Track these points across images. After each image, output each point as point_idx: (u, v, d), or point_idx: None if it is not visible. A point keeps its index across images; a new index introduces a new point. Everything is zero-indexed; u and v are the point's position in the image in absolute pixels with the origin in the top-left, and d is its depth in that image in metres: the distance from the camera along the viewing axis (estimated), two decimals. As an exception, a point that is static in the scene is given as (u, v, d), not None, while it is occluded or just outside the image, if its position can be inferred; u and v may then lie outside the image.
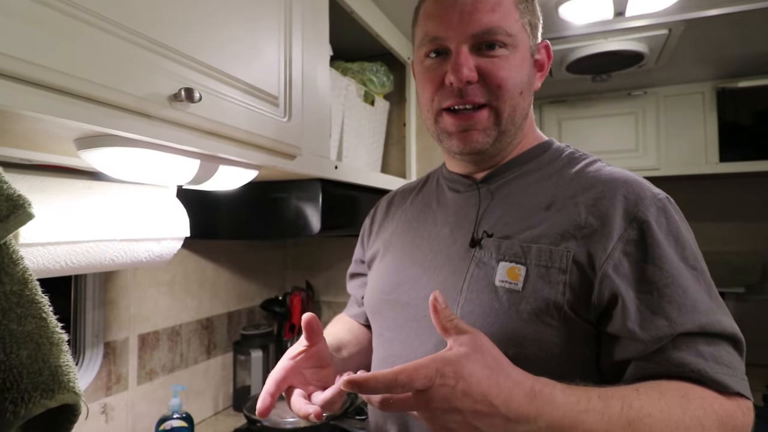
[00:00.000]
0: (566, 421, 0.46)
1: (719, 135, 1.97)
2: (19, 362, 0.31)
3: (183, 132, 0.65)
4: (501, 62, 0.63)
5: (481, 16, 0.62)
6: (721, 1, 1.30)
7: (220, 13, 0.71)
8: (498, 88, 0.63)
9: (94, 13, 0.52)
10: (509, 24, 0.63)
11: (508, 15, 0.63)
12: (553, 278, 0.58)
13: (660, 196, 0.61)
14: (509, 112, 0.65)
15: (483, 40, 0.63)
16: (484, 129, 0.65)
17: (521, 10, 0.65)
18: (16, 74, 0.45)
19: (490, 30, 0.62)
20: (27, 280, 0.34)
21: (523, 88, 0.65)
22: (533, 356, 0.57)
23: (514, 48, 0.64)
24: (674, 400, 0.49)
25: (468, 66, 0.62)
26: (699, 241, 0.60)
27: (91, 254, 0.78)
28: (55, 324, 0.35)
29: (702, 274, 0.58)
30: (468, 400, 0.44)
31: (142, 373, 1.23)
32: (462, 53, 0.63)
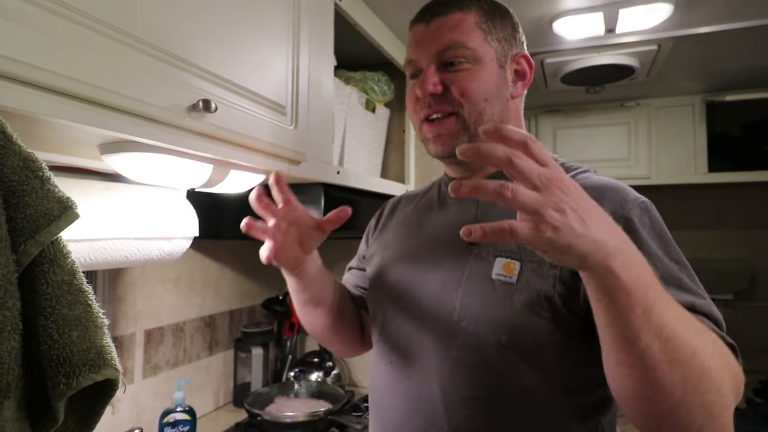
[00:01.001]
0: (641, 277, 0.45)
1: (708, 146, 2.04)
2: (70, 341, 0.36)
3: (199, 140, 0.70)
4: (463, 75, 0.72)
5: (442, 37, 0.72)
6: (708, 19, 1.36)
7: (236, 29, 0.76)
8: (460, 96, 0.71)
9: (125, 32, 0.58)
10: (469, 40, 0.72)
11: (468, 33, 0.72)
12: (545, 272, 0.63)
13: (643, 199, 0.66)
14: (475, 117, 0.72)
15: (445, 57, 0.72)
16: (452, 133, 0.73)
17: (484, 30, 0.74)
18: (56, 88, 0.51)
19: (449, 46, 0.72)
20: (75, 271, 0.40)
21: (488, 95, 0.73)
22: (525, 344, 0.63)
23: (476, 62, 0.72)
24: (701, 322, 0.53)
25: (431, 81, 0.72)
26: (688, 248, 0.65)
27: (107, 251, 0.83)
28: (98, 310, 0.40)
29: (684, 268, 0.62)
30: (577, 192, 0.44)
31: (147, 368, 1.28)
32: (428, 71, 0.73)
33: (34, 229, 0.37)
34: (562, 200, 0.41)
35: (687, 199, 2.28)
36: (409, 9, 0.77)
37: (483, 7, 0.75)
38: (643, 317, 0.44)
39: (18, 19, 0.47)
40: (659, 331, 0.45)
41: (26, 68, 0.47)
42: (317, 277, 0.81)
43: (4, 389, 0.34)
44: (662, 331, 0.45)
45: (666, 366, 0.45)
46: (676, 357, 0.45)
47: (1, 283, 0.35)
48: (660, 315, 0.45)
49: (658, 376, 0.46)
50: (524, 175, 0.41)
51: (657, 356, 0.45)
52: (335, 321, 0.87)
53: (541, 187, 0.41)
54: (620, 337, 0.46)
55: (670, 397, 0.47)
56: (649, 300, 0.44)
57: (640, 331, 0.45)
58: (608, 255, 0.42)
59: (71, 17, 0.52)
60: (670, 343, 0.45)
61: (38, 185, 0.39)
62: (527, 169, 0.41)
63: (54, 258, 0.38)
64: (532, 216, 0.41)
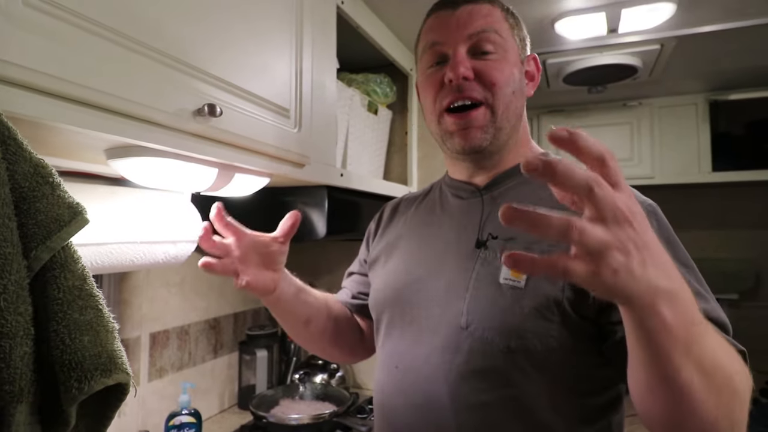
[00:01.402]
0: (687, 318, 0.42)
1: (712, 145, 2.03)
2: (82, 346, 0.37)
3: (204, 144, 0.71)
4: (494, 64, 0.71)
5: (474, 21, 0.72)
6: (710, 18, 1.36)
7: (240, 33, 0.77)
8: (492, 85, 0.71)
9: (132, 38, 0.58)
10: (502, 29, 0.73)
11: (498, 22, 0.73)
12: None
13: (650, 202, 0.67)
14: (503, 109, 0.72)
15: (478, 41, 0.72)
16: (482, 126, 0.72)
17: (510, 24, 0.75)
18: (64, 94, 0.51)
19: (484, 29, 0.71)
20: (86, 276, 0.40)
21: (514, 88, 0.73)
22: (534, 348, 0.62)
23: (505, 53, 0.72)
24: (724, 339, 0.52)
25: (464, 65, 0.70)
26: (692, 248, 0.65)
27: (113, 255, 0.84)
28: (108, 315, 0.40)
29: (692, 270, 0.62)
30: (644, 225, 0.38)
31: (152, 371, 1.28)
32: (459, 53, 0.71)
33: (45, 235, 0.38)
34: (629, 238, 0.36)
35: (691, 199, 2.27)
36: (411, 11, 0.78)
37: (504, 6, 0.76)
38: (684, 353, 0.42)
39: (26, 27, 0.47)
40: (699, 363, 0.43)
41: (35, 75, 0.48)
42: (298, 295, 0.82)
43: (17, 394, 0.35)
44: (702, 363, 0.44)
45: (704, 395, 0.44)
46: (713, 385, 0.45)
47: (14, 288, 0.35)
48: (700, 348, 0.43)
49: (695, 405, 0.45)
50: (599, 208, 0.35)
51: (695, 387, 0.44)
52: (330, 333, 0.88)
53: (611, 221, 0.35)
54: (658, 372, 0.44)
55: (702, 421, 0.46)
56: (692, 337, 0.42)
57: (680, 367, 0.43)
58: (657, 297, 0.39)
59: (79, 24, 0.53)
60: (708, 373, 0.44)
61: (49, 191, 0.40)
62: (605, 201, 0.35)
63: (65, 263, 0.39)
64: (592, 256, 0.35)
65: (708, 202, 2.28)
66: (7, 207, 0.36)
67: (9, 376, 0.35)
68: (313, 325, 0.85)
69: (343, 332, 0.90)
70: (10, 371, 0.35)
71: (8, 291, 0.35)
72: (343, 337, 0.91)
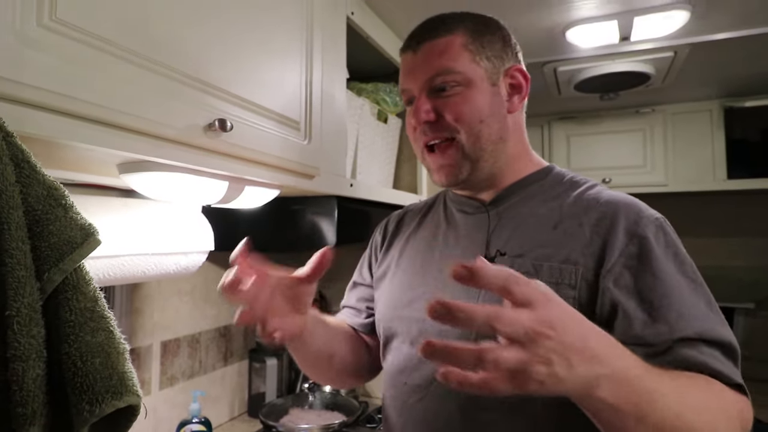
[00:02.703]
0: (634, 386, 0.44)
1: (727, 152, 2.00)
2: (93, 369, 0.37)
3: (215, 158, 0.71)
4: (455, 99, 0.71)
5: (430, 64, 0.72)
6: (724, 25, 1.34)
7: (250, 47, 0.77)
8: (455, 121, 0.70)
9: (143, 55, 0.59)
10: (457, 65, 0.71)
11: (455, 57, 0.71)
12: (563, 294, 0.62)
13: (657, 216, 0.66)
14: (473, 140, 0.71)
15: (435, 83, 0.71)
16: (455, 164, 0.72)
17: (472, 51, 0.72)
18: (77, 113, 0.52)
19: (438, 73, 0.71)
20: (97, 298, 0.40)
21: (483, 116, 0.71)
22: None
23: (467, 84, 0.71)
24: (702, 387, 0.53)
25: (424, 109, 0.71)
26: (707, 256, 0.64)
27: (125, 267, 0.84)
28: (119, 336, 0.41)
29: (700, 287, 0.62)
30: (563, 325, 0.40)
31: (163, 379, 1.29)
32: (420, 99, 0.72)
33: (57, 257, 0.38)
34: (548, 349, 0.38)
35: (706, 207, 2.24)
36: (420, 19, 0.77)
37: (469, 27, 0.73)
38: (638, 424, 0.45)
39: (40, 47, 0.48)
40: (658, 428, 0.46)
41: (48, 95, 0.49)
42: (321, 332, 0.77)
43: (29, 416, 0.35)
44: (662, 426, 0.46)
45: None
46: None
47: (27, 311, 0.35)
48: (659, 415, 0.45)
49: None
50: (510, 338, 0.38)
51: None
52: (350, 362, 0.85)
53: (527, 342, 0.38)
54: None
55: None
56: (642, 409, 0.44)
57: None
58: (594, 387, 0.41)
59: (91, 43, 0.53)
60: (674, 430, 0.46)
61: (62, 213, 0.40)
62: (513, 331, 0.38)
63: (77, 285, 0.39)
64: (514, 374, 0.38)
65: (723, 210, 2.25)
66: (20, 230, 0.37)
67: (22, 399, 0.35)
68: (337, 358, 0.81)
69: (359, 357, 0.87)
70: (22, 394, 0.35)
71: (21, 314, 0.35)
72: (359, 361, 0.87)
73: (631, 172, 2.10)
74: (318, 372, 0.85)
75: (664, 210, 0.69)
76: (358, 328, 0.90)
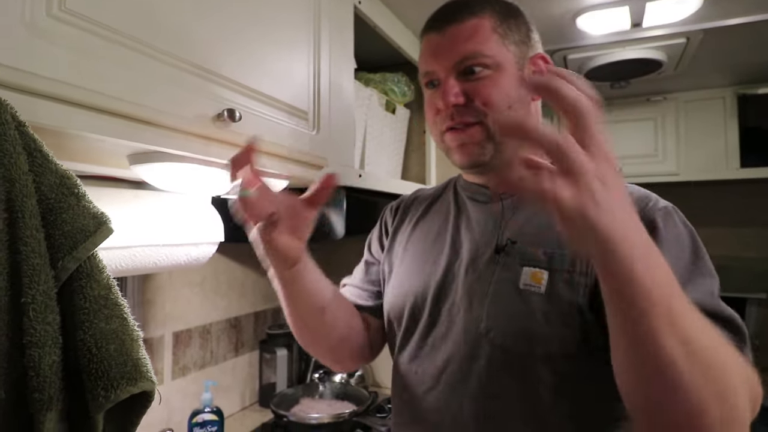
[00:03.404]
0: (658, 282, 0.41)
1: (740, 140, 1.97)
2: (108, 355, 0.38)
3: (224, 148, 0.71)
4: (485, 83, 0.69)
5: (458, 47, 0.69)
6: (739, 10, 1.31)
7: (258, 38, 0.77)
8: (484, 105, 0.69)
9: (152, 46, 0.59)
10: (487, 48, 0.69)
11: (484, 41, 0.69)
12: (575, 282, 0.62)
13: (666, 204, 0.65)
14: None
15: (464, 66, 0.69)
16: (478, 143, 0.70)
17: (501, 33, 0.70)
18: (88, 103, 0.52)
19: (467, 56, 0.69)
20: (111, 286, 0.41)
21: (511, 102, 0.70)
22: (555, 356, 0.62)
23: (496, 68, 0.69)
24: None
25: (453, 92, 0.69)
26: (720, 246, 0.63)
27: (137, 258, 0.85)
28: (133, 323, 0.41)
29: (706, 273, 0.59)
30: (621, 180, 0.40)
31: (176, 369, 1.30)
32: (448, 82, 0.70)
33: (71, 245, 0.38)
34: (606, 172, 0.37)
35: (718, 196, 2.21)
36: (428, 9, 0.76)
37: (496, 10, 0.71)
38: (665, 320, 0.41)
39: (50, 38, 0.48)
40: (681, 334, 0.42)
41: (59, 86, 0.49)
42: (316, 277, 0.74)
43: (47, 402, 0.36)
44: (684, 335, 0.42)
45: (685, 368, 0.42)
46: (695, 359, 0.43)
47: (42, 298, 0.36)
48: (682, 318, 0.42)
49: (677, 379, 0.43)
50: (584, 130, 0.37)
51: (675, 358, 0.42)
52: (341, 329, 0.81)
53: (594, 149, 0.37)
54: (636, 336, 0.43)
55: (689, 403, 0.43)
56: (672, 303, 0.42)
57: (658, 329, 0.41)
58: (633, 248, 0.39)
59: (101, 34, 0.53)
60: (689, 344, 0.42)
61: (74, 202, 0.40)
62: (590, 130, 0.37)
63: (91, 273, 0.40)
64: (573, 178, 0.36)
65: (736, 199, 2.22)
66: (34, 218, 0.37)
67: (38, 385, 0.35)
68: (328, 314, 0.76)
69: (353, 330, 0.83)
70: (39, 380, 0.36)
71: (37, 301, 0.36)
72: (353, 334, 0.83)
73: (642, 161, 2.08)
74: (305, 323, 0.78)
75: (676, 199, 0.68)
76: (361, 306, 0.86)
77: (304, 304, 0.74)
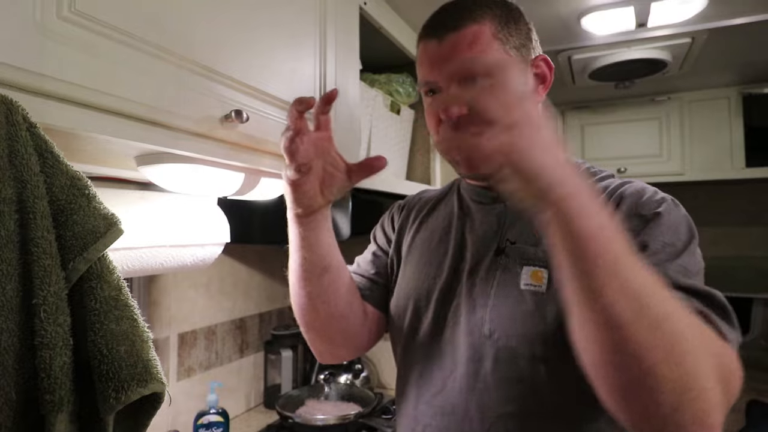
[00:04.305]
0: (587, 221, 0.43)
1: (745, 140, 1.96)
2: (118, 356, 0.37)
3: (231, 149, 0.71)
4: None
5: (458, 55, 0.67)
6: (743, 9, 1.31)
7: (265, 38, 0.77)
8: None
9: (161, 47, 0.59)
10: (488, 55, 0.67)
11: (486, 48, 0.67)
12: None
13: (663, 196, 0.64)
14: None
15: (466, 76, 0.66)
16: None
17: (502, 39, 0.68)
18: (97, 104, 0.52)
19: None
20: (121, 287, 0.41)
21: None
22: (559, 356, 0.61)
23: None
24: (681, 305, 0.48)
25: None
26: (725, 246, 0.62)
27: (144, 259, 0.85)
28: (143, 324, 0.41)
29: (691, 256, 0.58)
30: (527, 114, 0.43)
31: (181, 370, 1.31)
32: (449, 92, 0.67)
33: (82, 247, 0.38)
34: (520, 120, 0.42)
35: (724, 195, 2.20)
36: (433, 10, 0.75)
37: (497, 14, 0.69)
38: (608, 269, 0.42)
39: (60, 39, 0.48)
40: (625, 286, 0.42)
41: (69, 87, 0.49)
42: (328, 239, 0.72)
43: (57, 403, 0.36)
44: (628, 287, 0.42)
45: (633, 326, 0.42)
46: (643, 318, 0.42)
47: (53, 299, 0.36)
48: (626, 270, 0.42)
49: (625, 337, 0.42)
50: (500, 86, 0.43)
51: (622, 314, 0.42)
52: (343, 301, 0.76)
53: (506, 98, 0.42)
54: (583, 291, 0.43)
55: (638, 363, 0.43)
56: (615, 251, 0.42)
57: (604, 283, 0.42)
58: (572, 192, 0.42)
59: (110, 35, 0.53)
60: (636, 302, 0.42)
61: (85, 203, 0.40)
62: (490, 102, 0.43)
63: (101, 274, 0.40)
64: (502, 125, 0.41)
65: (742, 199, 2.20)
66: (45, 219, 0.37)
67: (50, 386, 0.35)
68: (329, 277, 0.73)
69: (353, 313, 0.79)
70: (50, 381, 0.36)
71: (48, 302, 0.36)
72: (352, 317, 0.79)
73: (647, 161, 2.07)
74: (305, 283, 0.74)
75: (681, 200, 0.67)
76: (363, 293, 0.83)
77: (309, 256, 0.72)
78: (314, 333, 0.80)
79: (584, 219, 0.41)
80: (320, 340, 0.81)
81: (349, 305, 0.78)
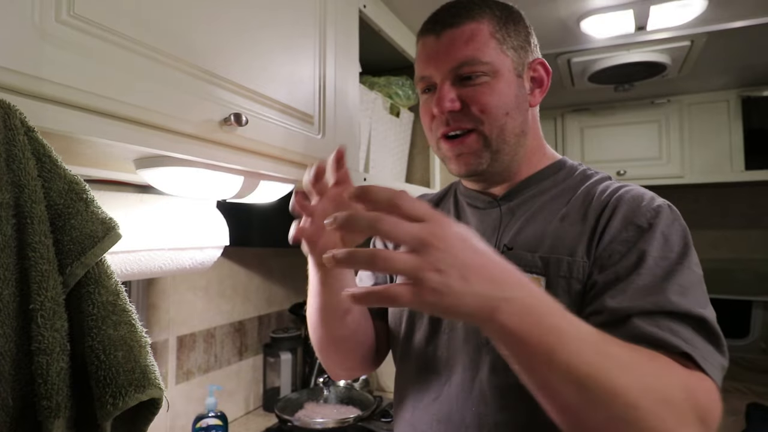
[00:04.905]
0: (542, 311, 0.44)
1: (745, 143, 1.97)
2: (116, 362, 0.37)
3: (231, 153, 0.71)
4: (482, 89, 0.68)
5: (456, 52, 0.68)
6: (742, 13, 1.31)
7: (264, 42, 0.77)
8: (481, 112, 0.68)
9: (160, 50, 0.59)
10: (485, 54, 0.68)
11: (482, 46, 0.68)
12: (572, 288, 0.62)
13: (659, 203, 0.63)
14: (497, 133, 0.69)
15: (461, 72, 0.68)
16: (475, 152, 0.69)
17: (499, 39, 0.69)
18: (95, 108, 0.52)
19: (464, 62, 0.67)
20: (119, 292, 0.40)
21: (509, 109, 0.69)
22: None
23: (494, 74, 0.68)
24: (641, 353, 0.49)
25: (449, 97, 0.68)
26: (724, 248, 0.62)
27: (142, 263, 0.85)
28: (141, 329, 0.41)
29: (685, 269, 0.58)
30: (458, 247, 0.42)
31: (180, 373, 1.30)
32: (443, 87, 0.69)
33: (79, 251, 0.38)
34: (439, 259, 0.40)
35: (723, 198, 2.20)
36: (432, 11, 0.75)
37: (496, 14, 0.70)
38: (547, 363, 0.43)
39: (59, 43, 0.48)
40: (568, 373, 0.43)
41: (67, 90, 0.49)
42: (350, 283, 0.73)
43: (54, 409, 0.35)
44: (572, 373, 0.43)
45: (583, 409, 0.44)
46: (590, 401, 0.44)
47: (50, 305, 0.36)
48: (568, 356, 0.43)
49: (577, 417, 0.45)
50: (395, 239, 0.40)
51: (571, 400, 0.44)
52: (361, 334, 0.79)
53: (417, 248, 0.40)
54: (532, 384, 0.46)
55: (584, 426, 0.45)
56: (550, 345, 0.43)
57: (546, 377, 0.44)
58: (494, 309, 0.41)
59: (109, 39, 0.53)
60: (583, 385, 0.43)
61: (83, 208, 0.40)
62: (396, 233, 0.40)
63: (99, 279, 0.39)
64: (412, 280, 0.40)
65: (741, 202, 2.21)
66: (43, 224, 0.37)
67: (47, 392, 0.35)
68: (351, 318, 0.75)
69: (368, 336, 0.82)
70: (47, 387, 0.35)
71: (45, 307, 0.36)
72: (367, 340, 0.82)
73: (647, 164, 2.07)
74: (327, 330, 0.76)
75: (681, 202, 0.67)
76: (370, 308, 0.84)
77: (331, 300, 0.72)
78: (331, 361, 0.82)
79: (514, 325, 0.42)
80: (338, 367, 0.83)
81: (365, 333, 0.80)
